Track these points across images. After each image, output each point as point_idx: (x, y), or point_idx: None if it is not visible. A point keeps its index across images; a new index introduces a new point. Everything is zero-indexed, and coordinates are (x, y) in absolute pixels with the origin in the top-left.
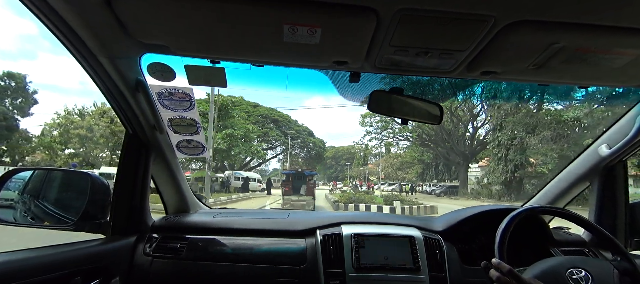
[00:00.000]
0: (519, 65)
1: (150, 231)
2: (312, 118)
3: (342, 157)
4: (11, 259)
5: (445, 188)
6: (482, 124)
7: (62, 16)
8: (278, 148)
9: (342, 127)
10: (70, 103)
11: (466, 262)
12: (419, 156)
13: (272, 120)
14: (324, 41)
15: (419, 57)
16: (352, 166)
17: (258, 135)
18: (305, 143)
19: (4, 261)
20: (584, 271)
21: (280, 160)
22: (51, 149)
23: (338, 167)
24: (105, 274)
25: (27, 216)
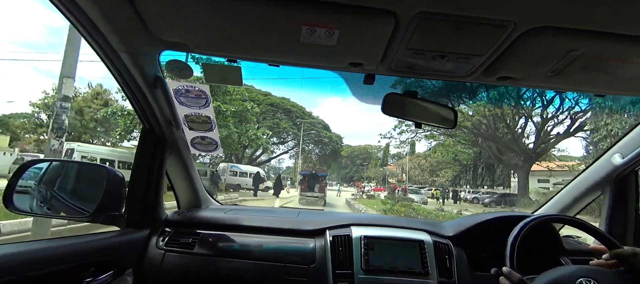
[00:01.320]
0: (536, 72)
1: (163, 225)
2: (325, 116)
3: (358, 157)
4: (30, 248)
5: (496, 197)
6: (560, 111)
7: (86, 11)
8: (290, 143)
9: (356, 127)
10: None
11: (475, 268)
12: (454, 155)
13: (283, 110)
14: (341, 43)
15: (435, 60)
16: (368, 167)
17: (268, 126)
18: (320, 137)
19: (23, 250)
20: (593, 281)
21: (292, 156)
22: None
23: (353, 167)
24: (118, 266)
25: (44, 206)
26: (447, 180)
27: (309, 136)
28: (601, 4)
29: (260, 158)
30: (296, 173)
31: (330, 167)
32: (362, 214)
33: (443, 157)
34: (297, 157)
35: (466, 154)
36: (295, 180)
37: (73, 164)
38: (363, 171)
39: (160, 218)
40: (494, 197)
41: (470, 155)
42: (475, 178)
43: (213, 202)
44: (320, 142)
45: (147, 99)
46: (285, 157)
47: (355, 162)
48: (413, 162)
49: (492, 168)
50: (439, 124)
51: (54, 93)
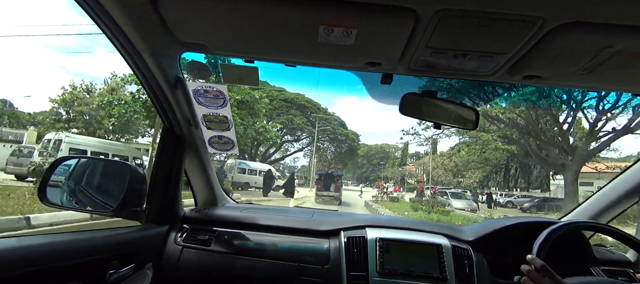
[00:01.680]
0: (566, 70)
1: (181, 222)
2: (341, 115)
3: (375, 156)
4: (60, 240)
5: (537, 201)
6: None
7: (111, 14)
8: (304, 140)
9: (373, 126)
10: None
11: (497, 275)
12: (483, 154)
13: (298, 106)
14: (358, 42)
15: (456, 59)
16: (386, 166)
17: (281, 122)
18: (335, 135)
19: (53, 241)
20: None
21: (307, 154)
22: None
23: (370, 167)
24: (139, 260)
25: (72, 200)
26: (475, 182)
27: (324, 132)
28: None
29: (274, 156)
30: (310, 172)
31: (346, 166)
32: (377, 215)
33: (470, 157)
34: (312, 156)
35: (499, 152)
36: (309, 179)
37: (99, 161)
38: (380, 171)
39: (179, 214)
40: (534, 201)
41: (503, 154)
42: (507, 180)
43: (229, 201)
44: (336, 140)
45: (167, 99)
46: (300, 156)
47: (372, 161)
48: (436, 162)
49: (527, 169)
50: (460, 125)
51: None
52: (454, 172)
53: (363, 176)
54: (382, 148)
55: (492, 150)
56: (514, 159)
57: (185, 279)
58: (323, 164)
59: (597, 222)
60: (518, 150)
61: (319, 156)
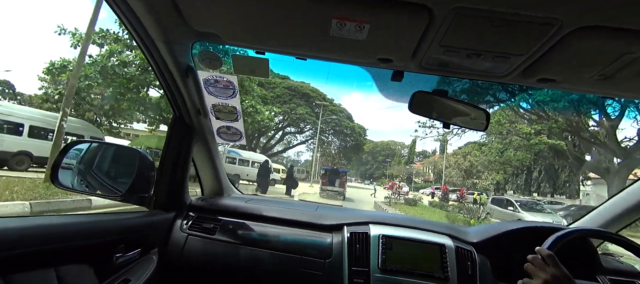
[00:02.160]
0: (582, 75)
1: (187, 209)
2: (348, 109)
3: (380, 153)
4: (72, 221)
5: (573, 210)
6: None
7: (129, 3)
8: (308, 132)
9: (379, 123)
10: None
11: (500, 278)
12: (506, 155)
13: (301, 95)
14: (370, 38)
15: (469, 59)
16: (391, 164)
17: (283, 111)
18: (341, 127)
19: (64, 223)
20: None
21: (310, 148)
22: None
23: (375, 163)
24: (145, 245)
25: (83, 184)
26: (491, 184)
27: (328, 123)
28: None
29: (276, 148)
30: (312, 166)
31: (350, 162)
32: (381, 212)
33: (488, 157)
34: (316, 150)
35: (522, 152)
36: (311, 173)
37: (110, 146)
38: (385, 168)
39: (185, 202)
40: (570, 210)
41: (528, 154)
42: (528, 184)
43: (235, 191)
44: (341, 133)
45: (178, 88)
46: (304, 150)
47: (377, 158)
48: (448, 161)
49: (552, 172)
50: (469, 126)
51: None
52: (468, 172)
53: (367, 173)
54: (388, 145)
55: (519, 149)
56: (539, 160)
57: (190, 265)
58: (327, 158)
59: (607, 230)
60: (548, 150)
61: (323, 150)
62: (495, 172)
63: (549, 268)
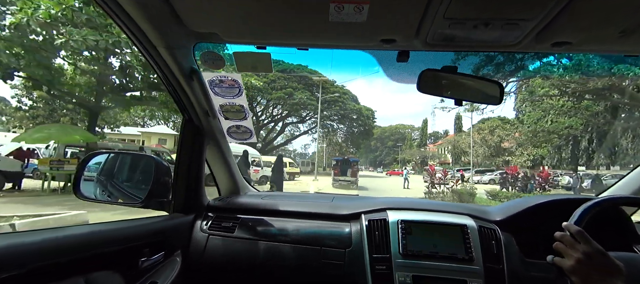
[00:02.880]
0: (600, 33)
1: (206, 210)
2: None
3: (389, 138)
4: (97, 229)
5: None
6: None
7: (127, 11)
8: (310, 120)
9: (385, 109)
10: None
11: (528, 255)
12: (546, 125)
13: (299, 78)
14: (371, 18)
15: (477, 29)
16: (402, 148)
17: (276, 97)
18: (345, 111)
19: (91, 231)
20: None
21: (314, 138)
22: None
23: (384, 149)
24: (168, 248)
25: (105, 194)
26: (528, 160)
27: (330, 107)
28: None
29: (278, 140)
30: (316, 158)
31: (359, 149)
32: (397, 197)
33: (526, 128)
34: (320, 137)
35: (572, 118)
36: (317, 165)
37: (126, 155)
38: (396, 153)
39: (203, 203)
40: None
41: (577, 121)
42: (575, 156)
43: (250, 189)
44: (347, 117)
45: (185, 91)
46: (309, 142)
47: (386, 144)
48: (468, 139)
49: (604, 138)
50: (483, 100)
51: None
52: (497, 149)
53: (376, 160)
54: (397, 129)
55: (566, 114)
56: (593, 126)
57: (213, 264)
58: (334, 147)
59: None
60: (605, 112)
61: (329, 139)
62: (532, 146)
63: (580, 245)
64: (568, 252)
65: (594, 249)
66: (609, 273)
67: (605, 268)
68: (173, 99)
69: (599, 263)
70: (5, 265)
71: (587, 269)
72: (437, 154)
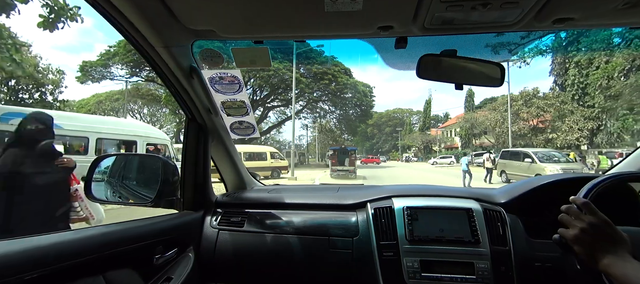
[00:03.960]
0: (604, 6)
1: (214, 206)
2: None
3: (387, 124)
4: (112, 230)
5: None
6: None
7: (122, 12)
8: (298, 104)
9: (380, 97)
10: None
11: (533, 235)
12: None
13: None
14: (367, 6)
15: (475, 11)
16: (402, 134)
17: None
18: (338, 87)
19: (106, 232)
20: None
21: (310, 126)
22: None
23: (382, 136)
24: (181, 244)
25: (116, 195)
26: (582, 136)
27: (319, 83)
28: None
29: (260, 127)
30: (304, 147)
31: (355, 136)
32: (402, 185)
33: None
34: (314, 127)
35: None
36: (307, 156)
37: (134, 157)
38: (396, 140)
39: (211, 200)
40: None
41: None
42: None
43: (257, 184)
44: (340, 96)
45: (185, 90)
46: (304, 132)
47: (384, 130)
48: (498, 112)
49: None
50: (484, 83)
51: None
52: (536, 127)
53: (374, 148)
54: (394, 114)
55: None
56: None
57: (224, 259)
58: (327, 135)
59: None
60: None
61: (321, 126)
62: (584, 119)
63: (585, 215)
64: (573, 223)
65: (600, 219)
66: (614, 243)
67: (610, 238)
68: (175, 98)
69: (604, 232)
70: (28, 267)
71: (591, 239)
72: (444, 138)
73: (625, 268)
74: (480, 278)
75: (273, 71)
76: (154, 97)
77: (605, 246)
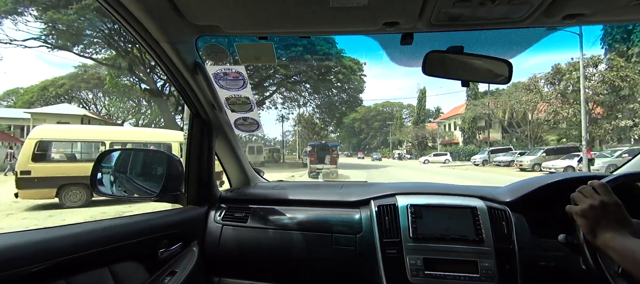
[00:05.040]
0: (617, 1)
1: (218, 202)
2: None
3: (375, 118)
4: (117, 223)
5: None
6: None
7: (127, 7)
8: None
9: (370, 91)
10: None
11: (539, 234)
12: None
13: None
14: (372, 2)
15: (483, 6)
16: (392, 128)
17: None
18: (317, 57)
19: (111, 225)
20: None
21: (284, 117)
22: None
23: (370, 131)
24: (185, 239)
25: (121, 189)
26: (559, 138)
27: (290, 50)
28: None
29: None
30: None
31: (341, 129)
32: (406, 182)
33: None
34: (292, 118)
35: None
36: (282, 153)
37: (139, 151)
38: (386, 134)
39: (216, 195)
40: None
41: None
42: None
43: (261, 180)
44: (320, 71)
45: (190, 85)
46: (289, 127)
47: (372, 125)
48: (530, 97)
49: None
50: (491, 80)
51: None
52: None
53: (361, 144)
54: (383, 107)
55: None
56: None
57: (227, 254)
58: (307, 129)
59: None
60: None
61: (301, 117)
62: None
63: (598, 195)
64: (584, 200)
65: (612, 200)
66: (619, 223)
67: (618, 218)
68: (179, 93)
69: (611, 212)
70: (36, 258)
71: (597, 215)
72: (442, 133)
73: (626, 242)
74: (484, 276)
75: None
76: (100, 81)
77: (611, 223)
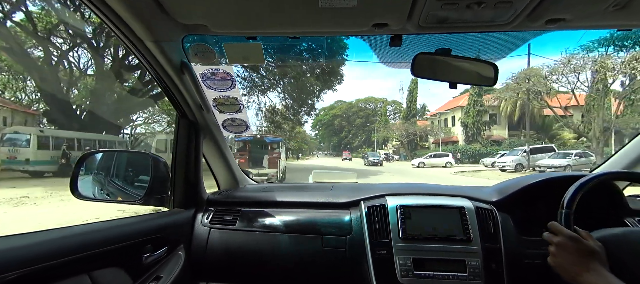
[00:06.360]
0: (594, 8)
1: (206, 204)
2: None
3: (357, 115)
4: (99, 228)
5: None
6: None
7: (111, 5)
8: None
9: (351, 90)
10: None
11: (524, 233)
12: None
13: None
14: (362, 3)
15: (470, 9)
16: (376, 126)
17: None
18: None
19: (92, 230)
20: None
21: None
22: None
23: (352, 129)
24: (171, 243)
25: (103, 192)
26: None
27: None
28: None
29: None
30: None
31: (319, 127)
32: (396, 183)
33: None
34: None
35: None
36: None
37: (122, 153)
38: (370, 132)
39: (203, 197)
40: None
41: None
42: None
43: (249, 181)
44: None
45: (176, 86)
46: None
47: (354, 122)
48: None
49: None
50: (477, 82)
51: None
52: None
53: (342, 143)
54: (366, 103)
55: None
56: None
57: (215, 257)
58: (265, 115)
59: (631, 171)
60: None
61: (259, 106)
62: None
63: (555, 237)
64: (549, 248)
65: (566, 237)
66: (583, 255)
67: (579, 252)
68: (165, 94)
69: (572, 249)
70: (10, 266)
71: (562, 258)
72: (436, 128)
73: (591, 278)
74: (472, 275)
75: None
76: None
77: (576, 259)
